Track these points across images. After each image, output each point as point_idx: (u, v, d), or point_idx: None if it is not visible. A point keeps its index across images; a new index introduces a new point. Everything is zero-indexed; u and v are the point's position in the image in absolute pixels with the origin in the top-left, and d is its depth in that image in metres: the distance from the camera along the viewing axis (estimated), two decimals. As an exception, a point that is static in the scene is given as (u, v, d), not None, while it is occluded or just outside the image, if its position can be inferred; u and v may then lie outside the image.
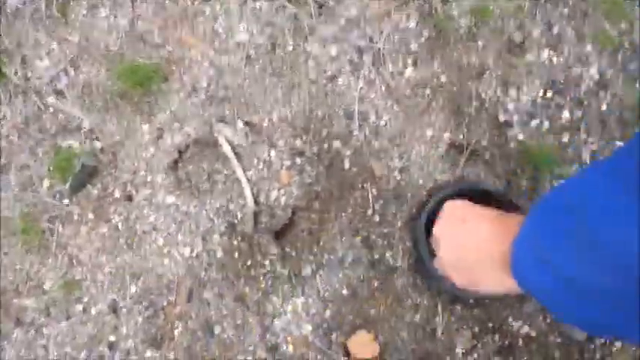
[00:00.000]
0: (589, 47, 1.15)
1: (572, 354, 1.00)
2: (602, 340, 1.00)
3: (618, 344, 0.99)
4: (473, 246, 0.68)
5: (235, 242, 1.09)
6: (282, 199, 1.10)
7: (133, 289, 1.08)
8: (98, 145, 1.14)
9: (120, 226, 1.11)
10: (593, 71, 1.13)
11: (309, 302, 1.06)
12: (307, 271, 1.07)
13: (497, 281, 0.66)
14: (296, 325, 1.05)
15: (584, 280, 0.47)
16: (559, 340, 1.00)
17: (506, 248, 0.61)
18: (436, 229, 0.75)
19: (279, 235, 1.10)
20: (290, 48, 1.18)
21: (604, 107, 1.11)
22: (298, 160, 1.12)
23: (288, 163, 1.12)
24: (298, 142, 1.13)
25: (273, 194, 1.11)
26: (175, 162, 1.14)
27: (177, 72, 1.18)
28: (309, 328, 1.05)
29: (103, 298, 1.09)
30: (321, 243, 1.08)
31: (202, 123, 1.14)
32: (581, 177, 0.55)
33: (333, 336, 1.04)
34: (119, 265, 1.10)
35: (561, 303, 0.51)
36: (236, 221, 1.10)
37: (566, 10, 1.17)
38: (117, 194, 1.11)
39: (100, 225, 1.11)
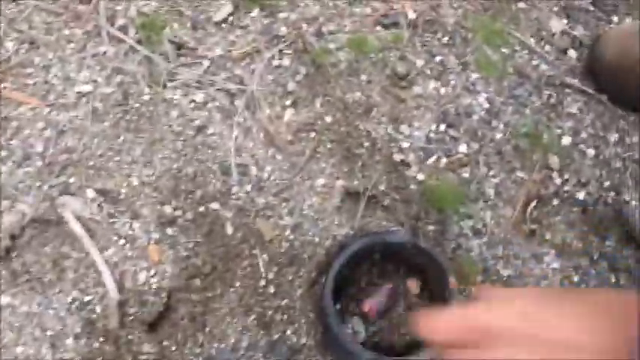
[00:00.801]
0: (474, 75, 1.08)
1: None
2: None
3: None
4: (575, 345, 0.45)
5: (96, 344, 0.86)
6: (154, 282, 0.90)
7: None
8: None
9: None
10: (482, 100, 1.06)
11: (199, 408, 0.85)
12: (193, 367, 0.86)
13: None
14: None
15: None
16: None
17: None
18: (497, 320, 0.45)
19: (153, 326, 0.88)
20: (146, 97, 0.99)
21: (498, 137, 1.04)
22: (169, 231, 0.93)
23: (156, 235, 0.92)
24: (167, 209, 0.94)
25: (142, 277, 0.90)
26: (7, 251, 0.89)
27: (3, 136, 0.93)
28: None
29: None
30: (208, 329, 0.89)
31: (41, 197, 0.91)
32: None
33: None
34: None
35: None
36: (95, 316, 0.87)
37: (445, 39, 1.10)
38: None
39: None
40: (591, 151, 1.04)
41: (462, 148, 1.03)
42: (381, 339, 0.92)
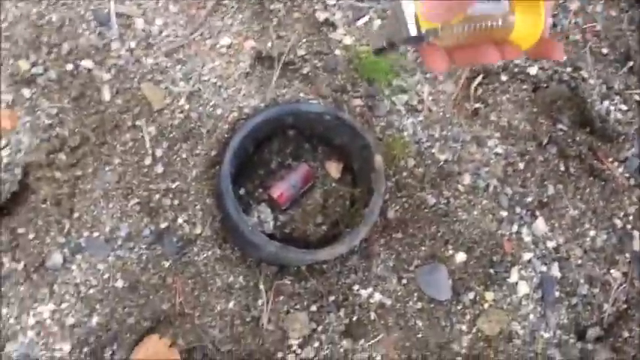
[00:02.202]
0: None
1: (438, 319, 0.76)
2: (471, 297, 0.77)
3: (490, 299, 0.78)
4: None
5: None
6: (5, 155, 0.71)
7: None
8: None
9: None
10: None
11: (62, 309, 0.69)
12: (56, 260, 0.70)
13: None
14: (44, 347, 0.68)
15: None
16: (420, 304, 0.76)
17: None
18: None
19: (4, 210, 0.70)
20: None
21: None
22: (26, 92, 0.73)
23: (9, 97, 0.72)
24: (24, 65, 0.74)
25: (-11, 148, 0.70)
26: None
27: None
28: (67, 347, 0.68)
29: None
30: (77, 215, 0.72)
31: None
32: None
33: (107, 354, 0.69)
34: None
35: None
36: None
37: None
38: None
39: None
40: (548, 19, 0.89)
41: (400, 8, 0.85)
42: (293, 230, 0.77)
